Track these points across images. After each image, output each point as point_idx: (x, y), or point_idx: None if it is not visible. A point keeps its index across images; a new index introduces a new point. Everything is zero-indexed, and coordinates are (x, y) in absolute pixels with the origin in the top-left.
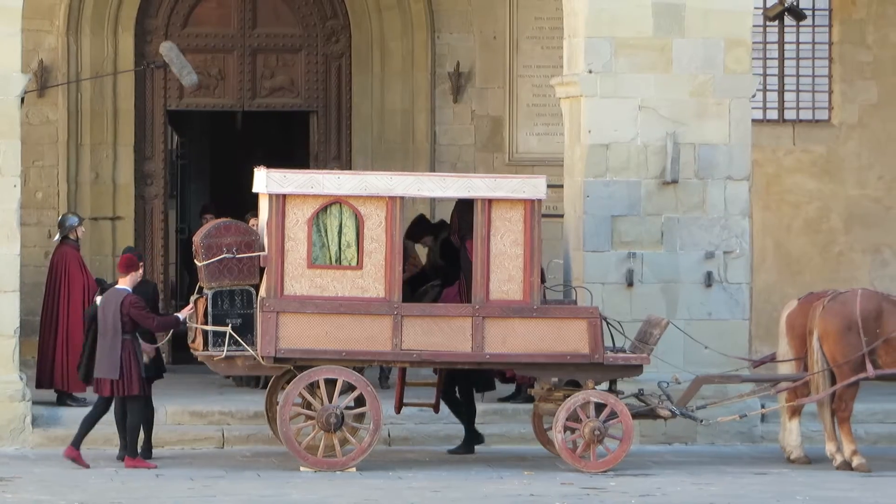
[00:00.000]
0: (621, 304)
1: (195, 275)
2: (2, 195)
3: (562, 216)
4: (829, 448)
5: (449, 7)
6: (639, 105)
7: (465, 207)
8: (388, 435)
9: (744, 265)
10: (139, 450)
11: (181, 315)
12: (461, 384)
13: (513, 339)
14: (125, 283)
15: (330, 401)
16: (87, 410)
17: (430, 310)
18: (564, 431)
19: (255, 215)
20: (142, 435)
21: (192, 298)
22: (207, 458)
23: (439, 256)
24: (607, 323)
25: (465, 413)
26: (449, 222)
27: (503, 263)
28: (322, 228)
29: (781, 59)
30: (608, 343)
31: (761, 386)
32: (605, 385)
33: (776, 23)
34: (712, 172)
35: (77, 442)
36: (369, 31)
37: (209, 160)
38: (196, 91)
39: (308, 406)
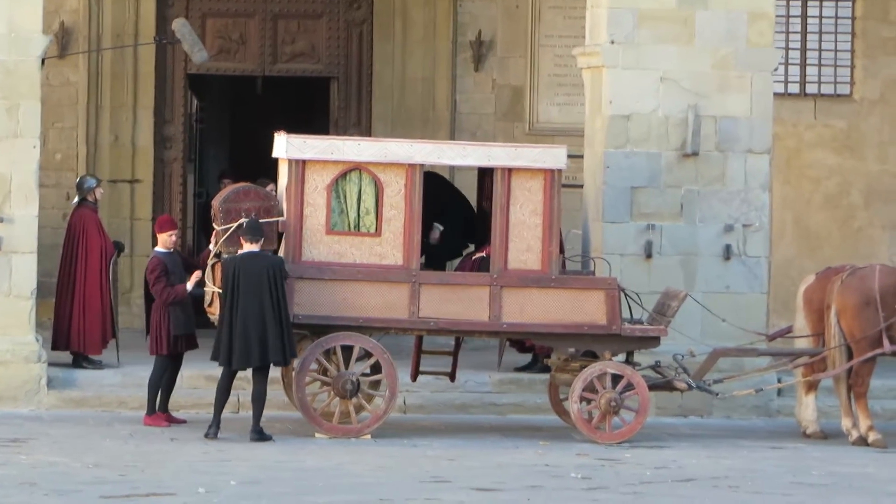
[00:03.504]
0: (639, 276)
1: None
2: (21, 156)
3: (581, 186)
4: (845, 423)
5: None
6: (661, 77)
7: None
8: (404, 403)
9: (763, 239)
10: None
11: (189, 285)
12: None
13: (530, 309)
14: (158, 245)
15: (346, 367)
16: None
17: (448, 278)
18: (580, 402)
19: (269, 180)
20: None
21: (210, 262)
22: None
23: (473, 222)
24: (625, 294)
25: None
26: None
27: (522, 233)
28: (341, 195)
29: (804, 33)
30: (626, 314)
31: (778, 360)
32: (622, 356)
33: None
34: (733, 145)
35: (150, 409)
36: None
37: (229, 125)
38: (217, 55)
39: (324, 372)
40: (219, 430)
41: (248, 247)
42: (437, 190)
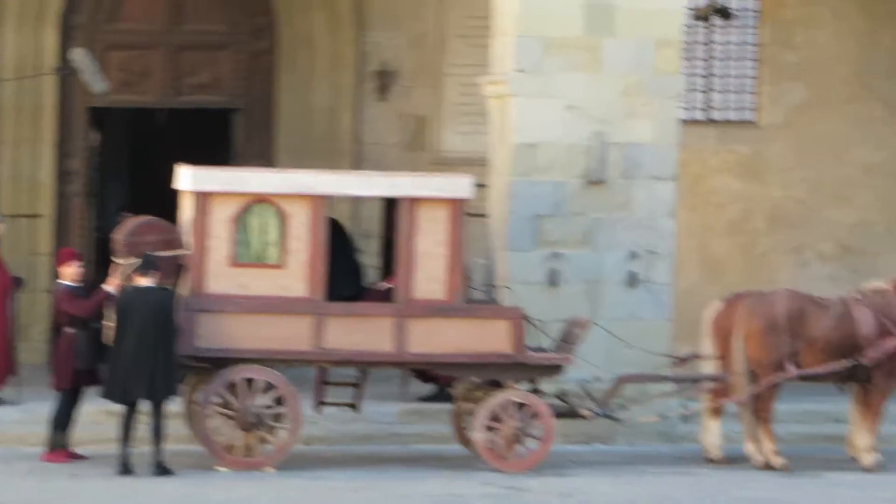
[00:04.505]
0: (544, 304)
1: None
2: None
3: (486, 216)
4: (750, 448)
5: (377, 5)
6: (567, 105)
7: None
8: (307, 435)
9: (667, 266)
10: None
11: (108, 287)
12: None
13: (435, 339)
14: (61, 278)
15: (249, 400)
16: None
17: (353, 309)
18: (485, 431)
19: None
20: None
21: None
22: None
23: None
24: (530, 323)
25: None
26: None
27: (427, 263)
28: (246, 226)
29: (709, 59)
30: (531, 343)
31: (683, 386)
32: (526, 385)
33: (704, 23)
34: (638, 172)
35: (52, 445)
36: (296, 29)
37: (130, 158)
38: (119, 88)
39: (227, 405)
40: (128, 466)
41: (140, 281)
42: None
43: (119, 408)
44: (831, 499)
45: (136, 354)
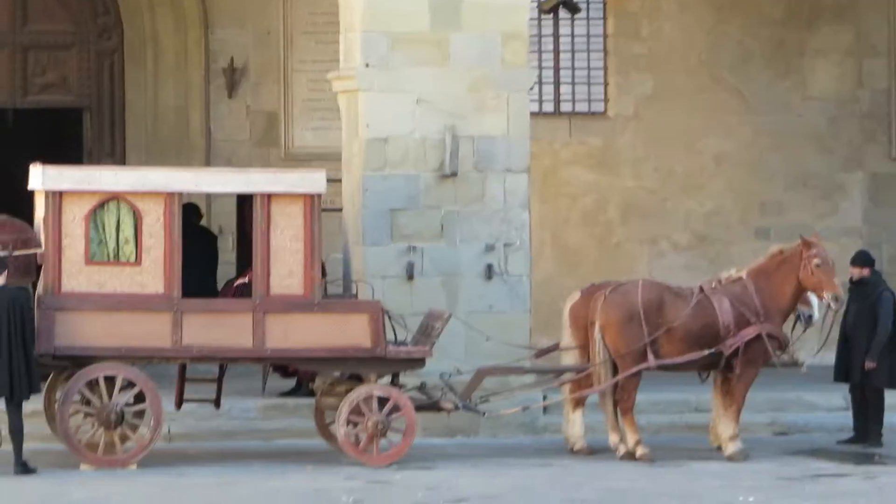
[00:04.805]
0: (402, 298)
1: None
2: None
3: (340, 210)
4: (613, 439)
5: (222, 3)
6: (417, 99)
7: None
8: (169, 431)
9: (524, 258)
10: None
11: None
12: None
13: (294, 334)
14: None
15: (109, 398)
16: None
17: (211, 305)
18: (347, 425)
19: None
20: None
21: None
22: None
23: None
24: (389, 316)
25: None
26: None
27: (283, 258)
28: (99, 225)
29: (557, 51)
30: (390, 337)
31: (544, 377)
32: (387, 379)
33: (551, 15)
34: (491, 165)
35: None
36: (142, 27)
37: None
38: None
39: (87, 403)
40: None
41: None
42: None
43: None
44: (696, 488)
45: None
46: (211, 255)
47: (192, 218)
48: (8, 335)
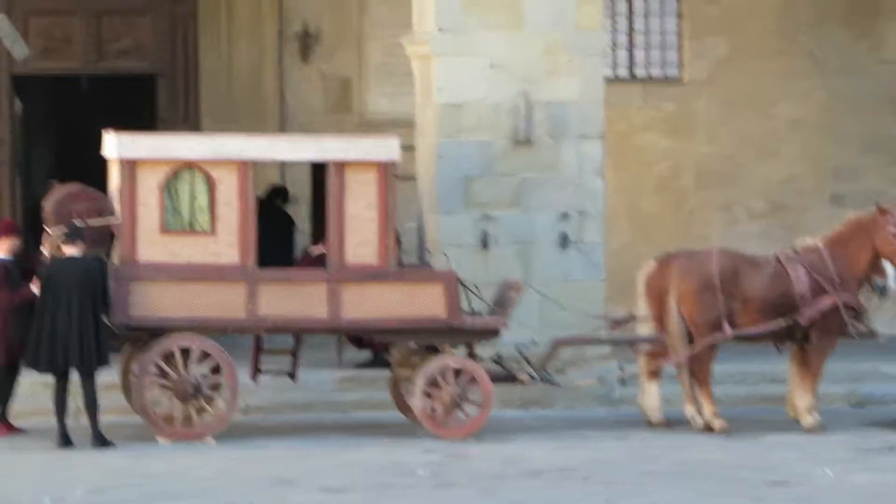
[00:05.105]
0: (476, 267)
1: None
2: None
3: (414, 178)
4: (689, 410)
5: None
6: (490, 63)
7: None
8: (246, 404)
9: (598, 226)
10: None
11: (36, 288)
12: None
13: (369, 304)
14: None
15: (186, 370)
16: None
17: (285, 275)
18: (423, 397)
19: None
20: None
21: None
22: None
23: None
24: (464, 286)
25: None
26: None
27: (358, 227)
28: (174, 193)
29: (630, 15)
30: (465, 307)
31: (620, 348)
32: (463, 350)
33: None
34: (565, 132)
35: None
36: None
37: (55, 127)
38: (41, 54)
39: (164, 375)
40: (68, 438)
41: (67, 250)
42: None
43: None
44: (772, 460)
45: (64, 324)
46: (286, 236)
47: (275, 200)
48: (80, 306)
